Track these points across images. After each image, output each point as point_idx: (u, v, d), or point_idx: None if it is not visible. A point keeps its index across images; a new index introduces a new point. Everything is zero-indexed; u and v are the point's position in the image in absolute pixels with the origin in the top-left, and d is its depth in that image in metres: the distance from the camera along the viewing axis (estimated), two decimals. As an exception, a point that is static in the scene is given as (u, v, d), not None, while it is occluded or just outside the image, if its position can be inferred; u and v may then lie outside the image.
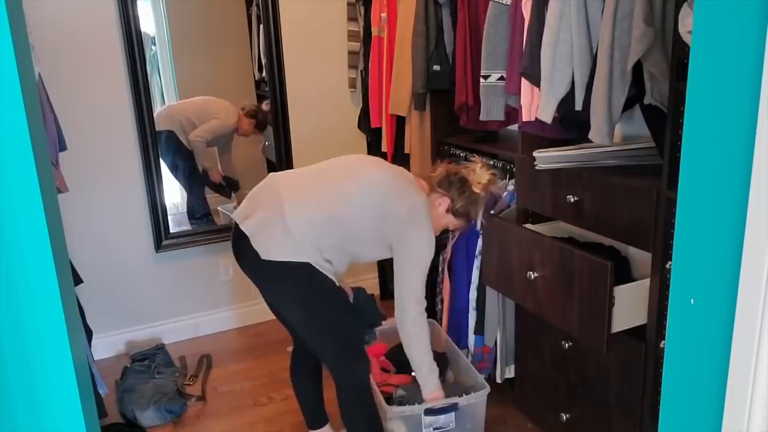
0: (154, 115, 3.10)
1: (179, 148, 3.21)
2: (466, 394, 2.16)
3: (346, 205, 1.83)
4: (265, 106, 3.24)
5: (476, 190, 1.95)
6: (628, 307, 1.78)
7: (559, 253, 1.91)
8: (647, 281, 1.78)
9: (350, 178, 1.89)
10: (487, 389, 2.17)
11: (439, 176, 1.97)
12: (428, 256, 1.89)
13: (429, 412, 2.05)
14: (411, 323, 1.90)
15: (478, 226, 2.03)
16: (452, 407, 2.07)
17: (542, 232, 2.14)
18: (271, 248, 1.76)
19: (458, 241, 2.54)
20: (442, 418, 2.06)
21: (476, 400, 2.15)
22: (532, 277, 2.01)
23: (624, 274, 2.01)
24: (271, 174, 1.96)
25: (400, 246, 1.87)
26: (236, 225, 1.84)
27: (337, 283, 1.88)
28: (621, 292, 1.76)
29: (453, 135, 2.83)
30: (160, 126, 3.07)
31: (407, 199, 1.87)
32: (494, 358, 2.47)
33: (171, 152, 3.21)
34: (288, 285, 1.81)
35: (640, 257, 1.94)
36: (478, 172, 1.97)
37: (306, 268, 1.77)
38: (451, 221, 1.99)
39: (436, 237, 1.94)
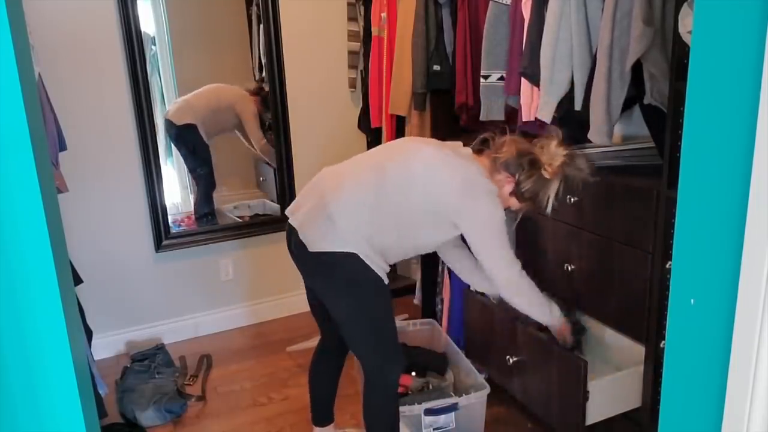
0: (173, 109, 3.13)
1: (198, 142, 3.22)
2: (466, 394, 2.17)
3: (389, 186, 1.76)
4: (257, 83, 3.25)
5: (546, 174, 1.74)
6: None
7: (597, 245, 1.91)
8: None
9: (391, 159, 1.82)
10: (487, 389, 2.17)
11: (506, 157, 1.77)
12: (497, 220, 1.76)
13: (429, 412, 2.05)
14: (508, 294, 1.85)
15: (548, 211, 1.79)
16: (452, 407, 2.07)
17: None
18: (316, 240, 1.75)
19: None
20: (442, 418, 2.06)
21: (476, 400, 2.15)
22: (569, 269, 2.01)
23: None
24: (324, 168, 1.92)
25: (463, 220, 1.77)
26: (288, 221, 1.86)
27: (386, 280, 1.79)
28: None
29: (453, 135, 2.82)
30: (182, 119, 3.11)
31: (458, 171, 1.76)
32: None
33: (190, 148, 3.23)
34: (334, 277, 1.78)
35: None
36: (551, 151, 1.75)
37: (352, 259, 1.72)
38: (514, 204, 1.84)
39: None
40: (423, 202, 1.76)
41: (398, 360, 1.88)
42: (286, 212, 1.90)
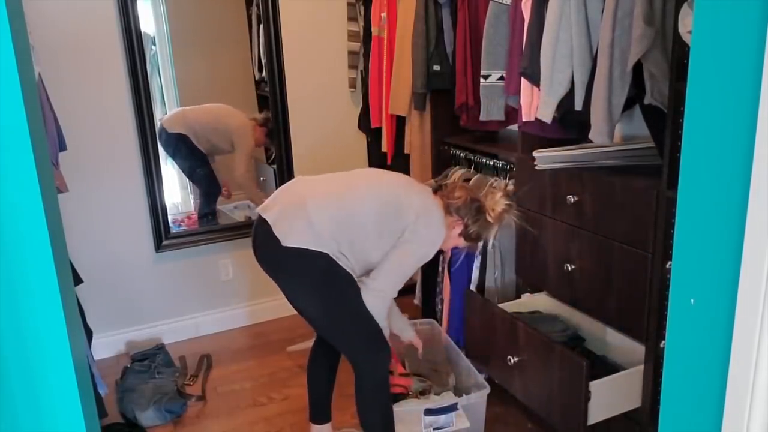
0: (167, 116, 3.13)
1: (193, 150, 3.23)
2: (466, 394, 2.17)
3: (358, 202, 1.87)
4: (266, 113, 3.25)
5: (489, 219, 1.95)
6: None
7: (597, 245, 1.92)
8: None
9: (365, 179, 1.99)
10: (487, 389, 2.17)
11: (459, 202, 1.96)
12: (423, 252, 1.92)
13: (429, 412, 2.05)
14: (370, 297, 1.88)
15: (489, 246, 2.04)
16: (452, 407, 2.07)
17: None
18: (291, 235, 1.79)
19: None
20: (442, 418, 2.06)
21: (476, 400, 2.16)
22: (569, 269, 2.02)
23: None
24: (298, 177, 2.05)
25: (408, 234, 1.88)
26: (259, 216, 1.89)
27: (356, 277, 1.89)
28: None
29: (453, 135, 2.83)
30: (173, 128, 3.11)
31: (419, 199, 1.91)
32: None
33: (184, 154, 3.24)
34: (306, 274, 1.83)
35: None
36: (496, 200, 1.96)
37: (324, 258, 1.79)
38: (461, 243, 2.03)
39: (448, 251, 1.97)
40: (381, 221, 1.85)
41: (382, 351, 1.90)
42: (258, 209, 1.93)
